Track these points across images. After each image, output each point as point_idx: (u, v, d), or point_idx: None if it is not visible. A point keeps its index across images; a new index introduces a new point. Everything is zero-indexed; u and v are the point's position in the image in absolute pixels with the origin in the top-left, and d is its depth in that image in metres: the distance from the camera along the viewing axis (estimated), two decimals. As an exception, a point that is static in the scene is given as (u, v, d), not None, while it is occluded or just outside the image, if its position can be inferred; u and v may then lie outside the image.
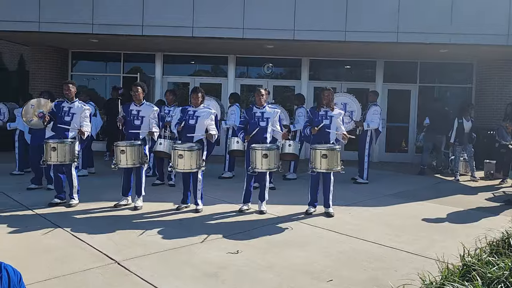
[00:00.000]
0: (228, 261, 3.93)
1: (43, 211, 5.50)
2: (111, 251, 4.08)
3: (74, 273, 3.55)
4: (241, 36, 9.12)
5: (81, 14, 9.11)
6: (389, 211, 5.99)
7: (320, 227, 5.07)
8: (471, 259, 3.26)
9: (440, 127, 9.18)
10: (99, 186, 7.11)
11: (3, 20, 9.28)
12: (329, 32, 9.03)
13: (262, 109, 5.78)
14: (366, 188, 7.55)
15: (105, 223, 5.02)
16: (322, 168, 5.30)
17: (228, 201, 6.23)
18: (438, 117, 9.24)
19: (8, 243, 4.30)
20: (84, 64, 12.34)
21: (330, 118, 5.62)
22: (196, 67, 12.13)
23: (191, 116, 5.66)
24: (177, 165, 5.37)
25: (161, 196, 6.50)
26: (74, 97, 6.02)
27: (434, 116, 9.31)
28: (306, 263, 3.92)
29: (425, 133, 9.54)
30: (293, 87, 11.56)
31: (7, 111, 8.79)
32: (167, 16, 9.06)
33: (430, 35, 8.88)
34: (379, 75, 11.33)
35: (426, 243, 4.56)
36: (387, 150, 11.45)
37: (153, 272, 3.62)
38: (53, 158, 5.60)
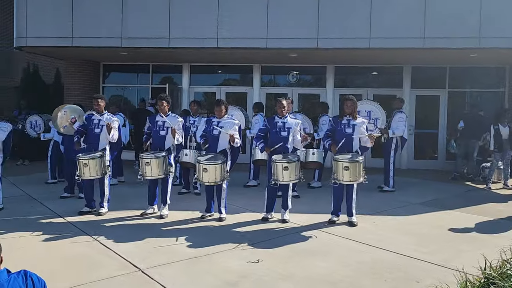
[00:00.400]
0: (249, 270, 3.98)
1: (74, 219, 5.73)
2: (136, 259, 4.22)
3: (100, 280, 3.70)
4: (264, 46, 9.22)
5: (110, 28, 9.47)
6: (414, 220, 5.89)
7: (342, 237, 5.06)
8: (492, 271, 3.18)
9: (474, 133, 9.05)
10: (127, 195, 7.33)
11: (39, 36, 9.76)
12: (353, 39, 8.99)
13: (283, 119, 5.83)
14: (392, 196, 7.44)
15: (132, 232, 5.18)
16: (344, 180, 5.29)
17: (252, 209, 6.29)
18: (472, 122, 9.11)
19: (40, 250, 4.52)
20: (114, 76, 12.77)
21: (352, 126, 5.61)
22: (222, 76, 12.32)
23: (215, 127, 5.77)
24: (202, 178, 5.48)
25: (187, 204, 6.62)
26: (103, 110, 6.26)
27: (468, 121, 9.19)
28: (326, 273, 3.92)
29: (458, 138, 9.37)
30: (318, 95, 11.53)
31: (42, 123, 9.22)
32: (192, 28, 9.28)
33: (457, 40, 8.70)
34: (407, 81, 11.16)
35: (451, 253, 4.47)
36: (415, 157, 11.22)
37: (175, 280, 3.72)
38: (86, 173, 5.82)
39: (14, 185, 8.02)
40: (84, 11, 9.54)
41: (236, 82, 12.31)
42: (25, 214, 5.95)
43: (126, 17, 9.45)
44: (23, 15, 9.77)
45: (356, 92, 11.41)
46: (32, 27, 9.70)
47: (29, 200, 6.88)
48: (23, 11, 9.77)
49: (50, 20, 9.65)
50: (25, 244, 4.69)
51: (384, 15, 8.84)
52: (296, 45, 9.28)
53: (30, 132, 9.56)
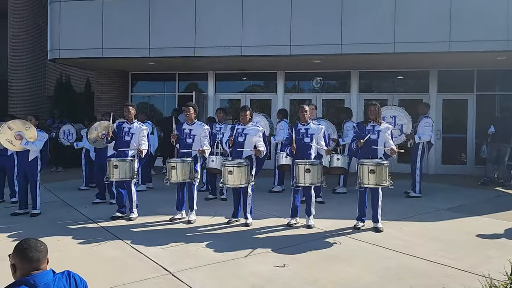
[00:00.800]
0: (274, 274, 4.07)
1: (106, 224, 5.97)
2: (166, 262, 4.38)
3: (133, 282, 3.87)
4: (288, 53, 9.34)
5: (138, 39, 9.80)
6: (441, 226, 5.84)
7: (367, 242, 5.08)
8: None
9: (505, 137, 8.96)
10: (156, 200, 7.54)
11: (71, 48, 10.19)
12: (377, 45, 8.99)
13: (306, 125, 5.91)
14: (419, 202, 7.38)
15: (161, 236, 5.36)
16: (370, 183, 5.31)
17: (277, 215, 6.38)
18: (503, 126, 9.02)
19: (75, 253, 4.74)
20: (142, 85, 13.15)
21: (377, 132, 5.63)
22: (246, 83, 12.50)
23: (240, 134, 5.91)
24: (227, 181, 5.62)
25: (213, 210, 6.77)
26: (133, 118, 6.51)
27: (499, 125, 9.12)
28: (351, 278, 3.97)
29: (489, 142, 9.23)
30: (342, 100, 11.54)
31: (74, 132, 9.59)
32: (217, 37, 9.50)
33: (485, 43, 8.59)
34: (433, 85, 11.03)
35: (479, 259, 4.44)
36: (443, 162, 11.05)
37: (203, 283, 3.85)
38: (115, 175, 6.09)
39: (50, 191, 8.38)
40: (113, 24, 9.92)
41: (260, 88, 12.46)
42: (61, 219, 6.23)
43: (153, 28, 9.76)
44: (56, 29, 10.23)
45: (381, 97, 11.40)
46: (65, 40, 10.15)
47: (64, 206, 7.19)
48: (56, 25, 10.23)
49: (81, 33, 10.06)
50: (62, 247, 4.93)
51: (408, 19, 8.81)
52: (319, 52, 9.35)
53: (63, 141, 9.95)
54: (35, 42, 15.35)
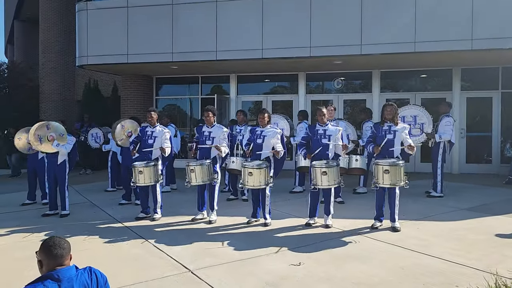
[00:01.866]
0: (290, 272, 4.19)
1: (131, 224, 6.22)
2: (186, 261, 4.56)
3: (154, 279, 4.07)
4: (308, 55, 9.43)
5: (161, 45, 10.10)
6: (461, 225, 5.81)
7: (384, 242, 5.13)
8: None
9: None
10: (179, 201, 7.77)
11: (98, 54, 10.60)
12: (398, 44, 8.98)
13: (324, 126, 5.99)
14: (440, 201, 7.33)
15: (183, 236, 5.56)
16: (385, 183, 5.36)
17: (296, 215, 6.48)
18: None
19: (101, 252, 5.00)
20: (166, 88, 13.49)
21: (393, 132, 5.66)
22: (268, 85, 12.63)
23: (259, 136, 6.05)
24: (247, 182, 5.78)
25: (234, 210, 6.93)
26: (156, 122, 6.75)
27: None
28: (365, 276, 4.05)
29: None
30: (364, 100, 11.52)
31: (102, 135, 9.96)
32: (237, 40, 9.70)
33: (509, 40, 8.43)
34: (456, 83, 10.88)
35: (496, 259, 4.42)
36: (468, 161, 10.88)
37: (220, 280, 4.01)
38: (141, 180, 6.32)
39: (78, 193, 8.75)
40: (137, 30, 10.26)
41: (282, 90, 12.57)
42: (88, 220, 6.53)
43: (176, 33, 10.04)
44: (84, 36, 10.66)
45: (403, 96, 11.34)
46: (92, 47, 10.56)
47: (92, 207, 7.52)
48: (83, 32, 10.66)
49: (107, 40, 10.45)
50: (88, 246, 5.20)
51: (429, 17, 8.75)
52: (339, 53, 9.40)
53: (92, 144, 10.35)
54: (65, 47, 15.96)
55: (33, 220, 6.59)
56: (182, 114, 13.42)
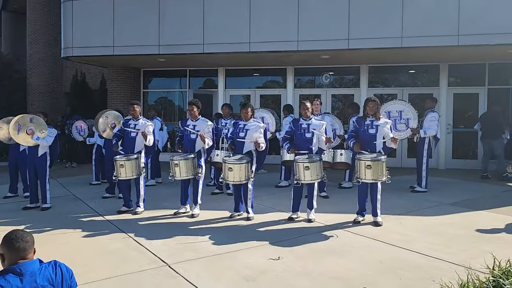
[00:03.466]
0: (268, 267, 4.17)
1: (113, 217, 6.17)
2: (164, 255, 4.53)
3: (130, 273, 4.03)
4: (295, 49, 9.37)
5: (148, 37, 9.98)
6: (443, 220, 5.84)
7: (365, 236, 5.13)
8: (499, 270, 3.19)
9: (492, 132, 9.14)
10: (163, 195, 7.71)
11: (84, 46, 10.45)
12: (385, 39, 8.94)
13: (308, 120, 5.96)
14: (424, 196, 7.36)
15: (164, 230, 5.52)
16: (367, 178, 5.36)
17: (280, 209, 6.46)
18: (486, 122, 9.26)
19: (80, 246, 4.94)
20: (154, 81, 13.37)
21: (375, 127, 5.66)
22: (256, 79, 12.57)
23: (241, 129, 6.01)
24: (228, 177, 5.74)
25: (218, 204, 6.90)
26: (139, 115, 6.67)
27: (483, 121, 9.40)
28: (343, 270, 4.04)
29: (481, 138, 9.56)
30: (352, 95, 11.51)
31: (87, 128, 9.85)
32: (225, 34, 9.61)
33: (495, 36, 8.44)
34: (443, 79, 10.90)
35: (474, 254, 4.44)
36: (454, 157, 10.95)
37: (197, 274, 3.98)
38: (123, 174, 6.25)
39: (62, 186, 8.66)
40: (124, 21, 10.12)
41: (270, 84, 12.52)
42: (70, 213, 6.45)
43: (162, 26, 9.92)
44: (69, 27, 10.50)
45: (391, 91, 11.36)
46: (77, 39, 10.41)
47: (74, 200, 7.44)
48: (69, 23, 10.50)
49: (93, 31, 10.30)
50: (68, 239, 5.14)
51: (416, 13, 8.73)
52: (327, 47, 9.35)
53: (75, 137, 10.23)
54: (52, 39, 15.75)
55: (13, 214, 6.50)
56: (171, 107, 13.33)
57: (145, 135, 6.35)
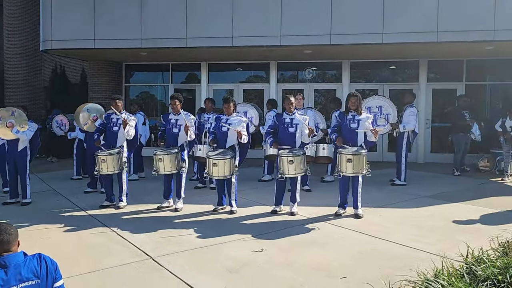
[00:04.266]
0: (251, 258, 4.24)
1: (95, 212, 6.14)
2: (148, 248, 4.55)
3: (113, 267, 4.04)
4: (278, 44, 9.41)
5: (130, 30, 9.87)
6: (421, 212, 6.00)
7: (346, 228, 5.25)
8: (472, 258, 3.33)
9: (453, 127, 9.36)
10: (146, 189, 7.69)
11: (63, 39, 10.27)
12: (366, 35, 9.07)
13: (291, 115, 6.03)
14: (403, 189, 7.53)
15: (147, 224, 5.53)
16: (347, 172, 5.47)
17: (263, 203, 6.53)
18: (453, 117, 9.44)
19: (62, 240, 4.91)
20: (136, 76, 13.24)
21: (357, 121, 5.77)
22: (239, 74, 12.56)
23: (224, 124, 6.04)
24: (212, 173, 5.77)
25: (201, 198, 6.93)
26: (122, 110, 6.63)
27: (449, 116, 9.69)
28: (324, 261, 4.14)
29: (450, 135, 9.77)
30: (334, 90, 11.64)
31: (67, 122, 9.72)
32: (208, 28, 9.58)
33: (473, 33, 8.66)
34: (423, 74, 11.12)
35: (450, 244, 4.59)
36: (432, 151, 11.20)
37: (181, 267, 4.02)
38: (104, 169, 6.22)
39: (42, 181, 8.55)
40: (104, 14, 9.98)
41: (253, 78, 12.54)
42: (51, 208, 6.40)
43: (145, 19, 9.83)
44: (48, 19, 10.30)
45: (372, 86, 11.53)
46: (57, 31, 10.22)
47: (55, 195, 7.36)
48: (48, 15, 10.30)
49: (73, 24, 10.13)
50: (50, 234, 5.10)
51: (396, 10, 8.88)
52: (309, 42, 9.42)
53: (56, 131, 10.09)
54: (31, 32, 15.42)
55: (-7, 209, 6.41)
56: (153, 101, 13.24)
57: (125, 124, 6.29)
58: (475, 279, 2.95)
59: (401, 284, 3.36)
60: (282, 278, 3.76)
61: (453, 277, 3.06)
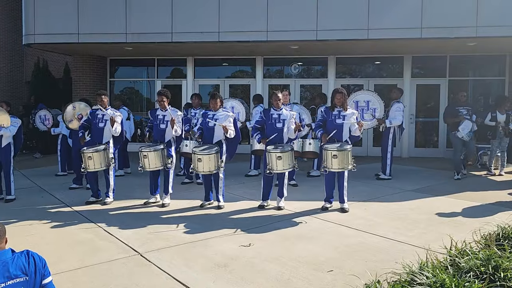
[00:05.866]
0: (239, 253, 4.27)
1: (81, 208, 6.09)
2: (136, 244, 4.54)
3: (101, 263, 4.03)
4: (265, 39, 9.43)
5: (115, 24, 9.77)
6: (405, 206, 6.11)
7: (332, 222, 5.31)
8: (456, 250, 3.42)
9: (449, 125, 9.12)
10: (132, 185, 7.66)
11: (46, 33, 10.11)
12: (352, 31, 9.15)
13: (279, 111, 6.06)
14: (388, 183, 7.65)
15: (134, 219, 5.51)
16: (333, 167, 5.53)
17: (250, 198, 6.57)
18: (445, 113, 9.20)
19: (48, 237, 4.87)
20: (121, 70, 13.11)
21: (343, 117, 5.83)
22: (225, 69, 12.55)
23: (211, 119, 6.04)
24: (197, 168, 5.77)
25: (188, 194, 6.94)
26: (107, 106, 6.57)
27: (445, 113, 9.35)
28: (311, 255, 4.19)
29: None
30: (320, 86, 11.71)
31: (51, 117, 9.59)
32: (194, 22, 9.54)
33: (455, 29, 8.80)
34: (407, 70, 11.27)
35: (433, 236, 4.69)
36: (416, 146, 11.38)
37: (170, 262, 4.03)
38: (91, 166, 6.16)
39: (26, 177, 8.43)
40: (89, 8, 9.86)
41: (239, 74, 12.54)
42: (36, 204, 6.32)
43: (130, 13, 9.74)
44: (31, 13, 10.12)
45: (357, 82, 11.63)
46: (40, 25, 10.05)
47: (40, 191, 7.27)
48: (30, 9, 10.12)
49: (56, 18, 9.98)
50: (35, 231, 5.04)
51: (382, 6, 8.97)
52: (295, 38, 9.46)
53: (39, 126, 9.94)
54: (11, 26, 15.14)
55: (-24, 206, 6.31)
56: (138, 97, 13.13)
57: (113, 121, 6.25)
58: (459, 271, 3.04)
59: (387, 276, 3.42)
60: (270, 272, 3.80)
61: (437, 269, 3.14)
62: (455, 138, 8.15)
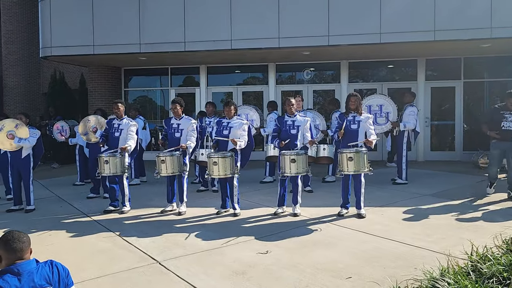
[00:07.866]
0: (257, 260, 4.28)
1: (99, 217, 6.17)
2: (154, 252, 4.58)
3: (121, 271, 4.07)
4: (277, 46, 9.47)
5: (129, 35, 9.92)
6: (422, 211, 6.04)
7: (349, 228, 5.28)
8: (477, 256, 3.37)
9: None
10: (149, 193, 7.73)
11: (63, 46, 10.31)
12: (364, 35, 9.13)
13: (293, 117, 6.07)
14: (405, 188, 7.57)
15: (151, 228, 5.56)
16: (349, 170, 5.51)
17: (266, 205, 6.57)
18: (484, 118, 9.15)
19: (68, 246, 4.94)
20: (135, 80, 13.27)
21: (357, 122, 5.81)
22: (238, 76, 12.61)
23: (225, 127, 6.09)
24: (213, 172, 5.81)
25: (204, 202, 6.97)
26: (123, 114, 6.67)
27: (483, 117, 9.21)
28: (329, 262, 4.17)
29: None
30: (333, 91, 11.69)
31: (68, 128, 9.75)
32: (206, 31, 9.63)
33: (469, 31, 8.72)
34: (421, 73, 11.18)
35: (453, 241, 4.63)
36: (432, 149, 11.25)
37: (188, 270, 4.05)
38: (106, 170, 6.28)
39: (45, 187, 8.57)
40: (104, 20, 10.03)
41: (252, 80, 12.60)
42: (55, 214, 6.42)
43: (143, 24, 9.88)
44: (47, 26, 10.34)
45: (370, 86, 11.59)
46: (56, 38, 10.27)
47: (58, 201, 7.38)
48: (47, 22, 10.34)
49: (72, 30, 10.18)
50: (55, 240, 5.13)
51: (393, 9, 8.94)
52: (307, 44, 9.48)
53: (56, 137, 10.10)
54: (29, 38, 15.46)
55: (-3, 216, 6.43)
56: (153, 106, 13.27)
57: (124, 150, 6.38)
58: (481, 277, 2.99)
59: (408, 283, 3.39)
60: (288, 279, 3.80)
61: (459, 275, 3.10)
62: (495, 149, 6.88)
